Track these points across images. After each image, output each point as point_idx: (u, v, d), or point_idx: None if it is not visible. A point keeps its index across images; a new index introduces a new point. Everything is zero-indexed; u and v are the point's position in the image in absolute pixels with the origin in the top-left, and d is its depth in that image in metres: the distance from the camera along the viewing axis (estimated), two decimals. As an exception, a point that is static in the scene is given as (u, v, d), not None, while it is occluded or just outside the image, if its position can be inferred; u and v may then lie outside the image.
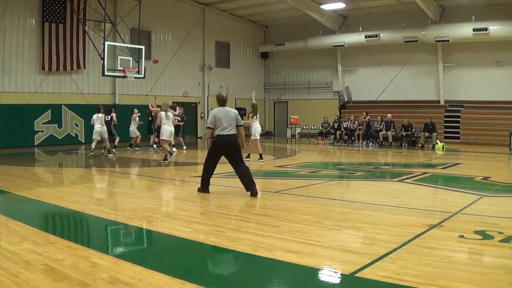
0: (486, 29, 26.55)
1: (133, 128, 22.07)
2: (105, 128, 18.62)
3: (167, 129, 16.96)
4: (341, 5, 30.32)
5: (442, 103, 30.28)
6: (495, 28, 26.51)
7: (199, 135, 32.84)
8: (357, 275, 5.04)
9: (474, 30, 26.89)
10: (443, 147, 23.31)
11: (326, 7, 30.88)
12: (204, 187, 10.32)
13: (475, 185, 12.12)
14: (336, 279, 5.07)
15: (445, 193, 11.21)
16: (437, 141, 24.29)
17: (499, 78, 28.07)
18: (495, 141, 25.51)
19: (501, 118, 26.82)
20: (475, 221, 7.64)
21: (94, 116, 18.47)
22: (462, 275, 5.04)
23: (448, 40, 28.19)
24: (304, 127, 32.00)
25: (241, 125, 10.24)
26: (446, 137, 27.11)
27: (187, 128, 29.32)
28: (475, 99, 28.65)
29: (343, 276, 5.07)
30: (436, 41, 28.79)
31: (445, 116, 28.86)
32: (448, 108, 29.50)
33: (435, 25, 28.89)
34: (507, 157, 20.29)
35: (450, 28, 28.10)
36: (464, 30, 27.39)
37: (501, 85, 27.94)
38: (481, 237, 6.60)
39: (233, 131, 9.98)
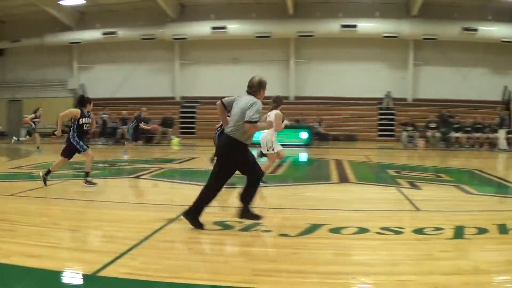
0: (224, 28, 27.84)
1: None
2: None
3: None
4: (81, 1, 29.61)
5: (178, 99, 31.06)
6: (233, 27, 27.93)
7: None
8: (99, 274, 4.92)
9: (213, 28, 28.02)
10: (178, 142, 23.93)
11: (65, 2, 29.84)
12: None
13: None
14: (78, 280, 4.90)
15: (182, 187, 11.52)
16: (173, 136, 24.90)
17: (235, 75, 29.58)
18: (232, 135, 26.82)
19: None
20: (215, 212, 7.92)
21: None
22: (205, 265, 5.24)
23: (186, 38, 29.04)
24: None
25: None
26: (182, 133, 27.90)
27: None
28: (211, 95, 29.79)
29: (85, 276, 4.91)
30: (174, 38, 29.46)
31: (181, 112, 29.64)
32: (184, 104, 30.35)
33: (173, 23, 29.57)
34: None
35: (188, 26, 29.05)
36: (203, 29, 28.49)
37: (237, 81, 29.28)
38: (221, 228, 6.89)
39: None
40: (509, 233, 7.00)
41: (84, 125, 10.92)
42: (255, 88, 7.09)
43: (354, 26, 28.21)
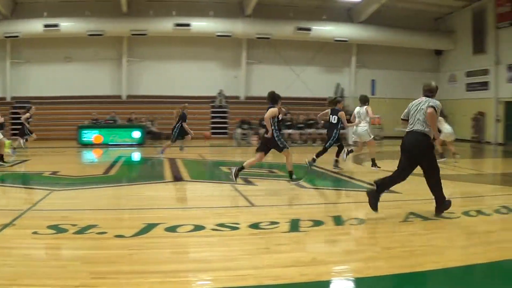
0: (57, 26, 26.92)
1: None
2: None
3: None
4: None
5: (8, 100, 29.59)
6: (66, 25, 27.08)
7: None
8: None
9: (45, 26, 27.01)
10: (10, 145, 22.92)
11: None
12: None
13: (44, 180, 12.23)
14: None
15: (14, 191, 11.11)
16: (4, 138, 23.79)
17: (68, 74, 28.76)
18: (65, 135, 26.04)
19: (71, 113, 27.59)
20: (47, 216, 7.77)
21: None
22: (42, 270, 5.14)
23: (18, 36, 27.80)
24: None
25: None
26: (13, 135, 26.62)
27: None
28: (44, 95, 28.70)
29: None
30: (5, 37, 28.09)
31: (12, 113, 28.30)
32: (16, 105, 28.98)
33: (5, 20, 28.03)
34: (75, 150, 20.96)
35: (21, 23, 27.68)
36: (35, 26, 27.30)
37: (70, 80, 28.64)
38: (55, 232, 6.75)
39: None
40: (344, 224, 7.52)
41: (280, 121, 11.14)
42: (435, 92, 8.15)
43: (188, 25, 28.38)
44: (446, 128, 16.51)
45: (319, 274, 5.27)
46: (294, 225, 7.33)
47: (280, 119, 11.02)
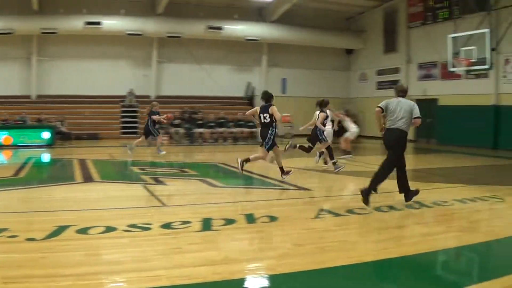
0: None
1: None
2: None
3: None
4: None
5: None
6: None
7: None
8: None
9: None
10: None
11: None
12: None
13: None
14: None
15: None
16: None
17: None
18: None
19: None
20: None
21: None
22: None
23: None
24: None
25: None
26: None
27: None
28: None
29: None
30: None
31: None
32: None
33: None
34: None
35: None
36: None
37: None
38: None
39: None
40: (256, 222, 7.65)
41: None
42: (406, 92, 9.28)
43: (99, 23, 27.80)
44: (352, 127, 18.02)
45: (232, 273, 5.36)
46: (206, 224, 7.41)
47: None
